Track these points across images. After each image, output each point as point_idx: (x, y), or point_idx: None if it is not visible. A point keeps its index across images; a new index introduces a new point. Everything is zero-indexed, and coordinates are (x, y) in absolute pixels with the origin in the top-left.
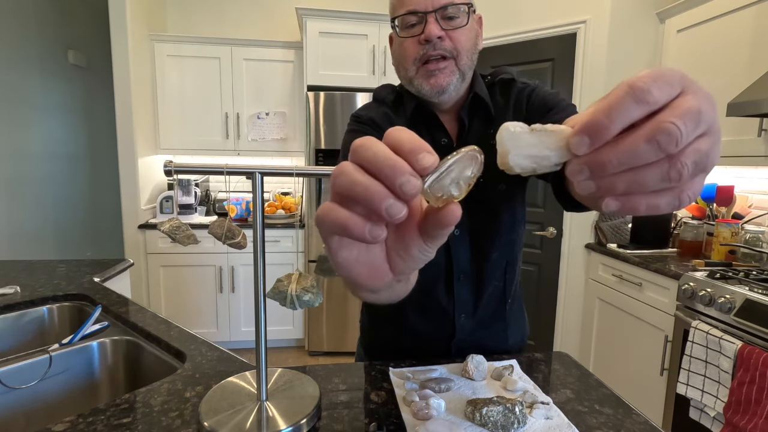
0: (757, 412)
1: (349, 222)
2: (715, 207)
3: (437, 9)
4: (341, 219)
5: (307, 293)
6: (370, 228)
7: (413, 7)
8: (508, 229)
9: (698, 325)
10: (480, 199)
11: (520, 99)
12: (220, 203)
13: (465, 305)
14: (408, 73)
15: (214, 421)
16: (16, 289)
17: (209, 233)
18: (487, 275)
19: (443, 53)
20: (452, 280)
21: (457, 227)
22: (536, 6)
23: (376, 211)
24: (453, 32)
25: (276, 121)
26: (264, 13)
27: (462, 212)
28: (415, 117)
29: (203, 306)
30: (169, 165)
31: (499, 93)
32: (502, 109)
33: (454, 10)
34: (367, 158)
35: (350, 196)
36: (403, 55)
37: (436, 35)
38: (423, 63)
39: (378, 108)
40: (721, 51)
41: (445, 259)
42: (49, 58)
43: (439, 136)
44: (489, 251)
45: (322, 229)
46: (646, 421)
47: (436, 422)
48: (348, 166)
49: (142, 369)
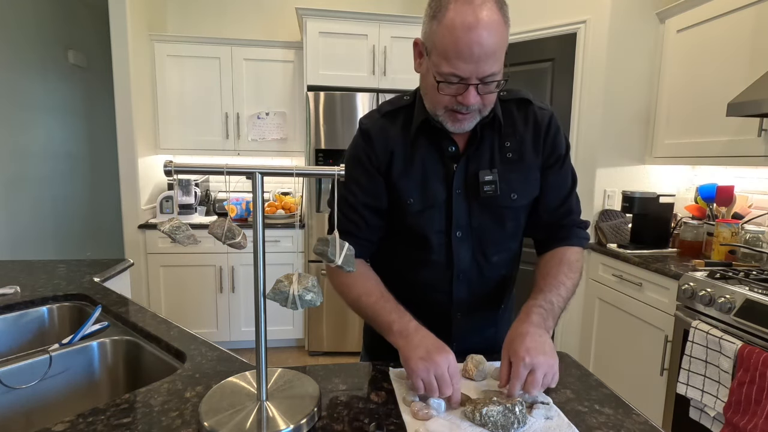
0: (757, 412)
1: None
2: (715, 207)
3: (481, 79)
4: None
5: (309, 293)
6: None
7: (459, 72)
8: (511, 236)
9: (698, 325)
10: (490, 204)
11: (539, 124)
12: (220, 203)
13: (462, 304)
14: (436, 111)
15: (214, 421)
16: (16, 289)
17: (209, 233)
18: (486, 277)
19: (472, 111)
20: (452, 278)
21: (460, 230)
22: (536, 6)
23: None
24: (486, 96)
25: (276, 121)
26: (264, 13)
27: (467, 214)
28: (424, 126)
29: (203, 306)
30: (169, 165)
31: (516, 109)
32: (519, 125)
33: (492, 78)
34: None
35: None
36: (436, 98)
37: (473, 104)
38: (452, 110)
39: (378, 119)
40: (721, 51)
41: (446, 259)
42: (49, 58)
43: (447, 144)
44: (490, 254)
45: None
46: (646, 421)
47: (436, 422)
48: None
49: (142, 369)
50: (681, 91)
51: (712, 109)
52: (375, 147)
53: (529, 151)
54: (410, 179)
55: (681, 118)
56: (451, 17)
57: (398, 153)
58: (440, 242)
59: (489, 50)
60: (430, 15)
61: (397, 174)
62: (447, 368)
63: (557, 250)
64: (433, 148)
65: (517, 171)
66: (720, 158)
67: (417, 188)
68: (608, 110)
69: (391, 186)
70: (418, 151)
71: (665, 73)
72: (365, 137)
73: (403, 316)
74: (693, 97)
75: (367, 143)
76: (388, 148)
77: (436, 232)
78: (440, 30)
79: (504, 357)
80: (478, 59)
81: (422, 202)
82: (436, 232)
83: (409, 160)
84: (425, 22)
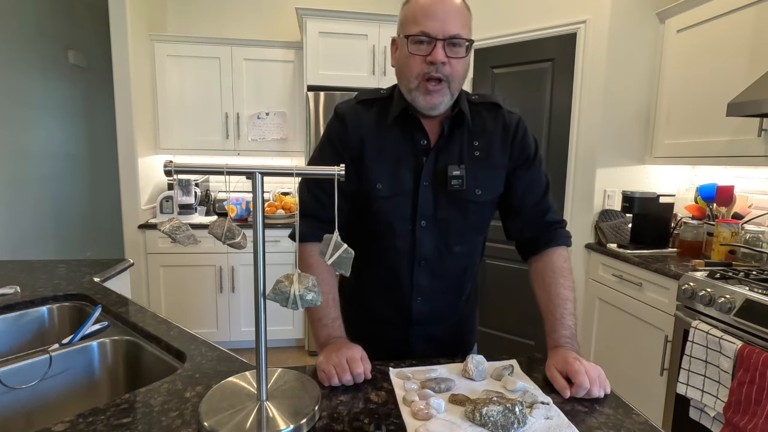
0: (757, 412)
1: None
2: (715, 207)
3: (446, 38)
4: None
5: (310, 293)
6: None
7: (427, 29)
8: (474, 229)
9: (698, 325)
10: (456, 198)
11: (507, 126)
12: (220, 203)
13: (422, 290)
14: (410, 84)
15: (214, 421)
16: (16, 289)
17: (209, 233)
18: (447, 266)
19: (441, 76)
20: (413, 265)
21: (425, 219)
22: (536, 6)
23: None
24: (454, 60)
25: (276, 121)
26: (264, 13)
27: (433, 205)
28: (400, 117)
29: (203, 306)
30: (169, 165)
31: (486, 112)
32: (489, 127)
33: (459, 41)
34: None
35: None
36: (408, 67)
37: (441, 60)
38: (424, 79)
39: (354, 105)
40: (721, 51)
41: (409, 246)
42: (49, 58)
43: (419, 137)
44: (452, 244)
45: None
46: (646, 421)
47: (436, 422)
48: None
49: (142, 369)
50: (681, 91)
51: (712, 109)
52: (348, 130)
53: (496, 151)
54: (381, 165)
55: (681, 118)
56: None
57: (370, 139)
58: (405, 229)
59: (452, 10)
60: (401, 8)
61: (369, 159)
62: (344, 359)
63: (546, 258)
64: (407, 139)
65: (483, 168)
66: (720, 158)
67: (386, 175)
68: (608, 110)
69: (363, 170)
70: (391, 140)
71: (665, 73)
72: (340, 120)
73: (334, 331)
74: (693, 97)
75: (341, 126)
76: (359, 133)
77: (401, 220)
78: (409, 6)
79: (554, 372)
80: (444, 17)
81: (390, 189)
82: (402, 219)
83: (382, 147)
84: (399, 20)
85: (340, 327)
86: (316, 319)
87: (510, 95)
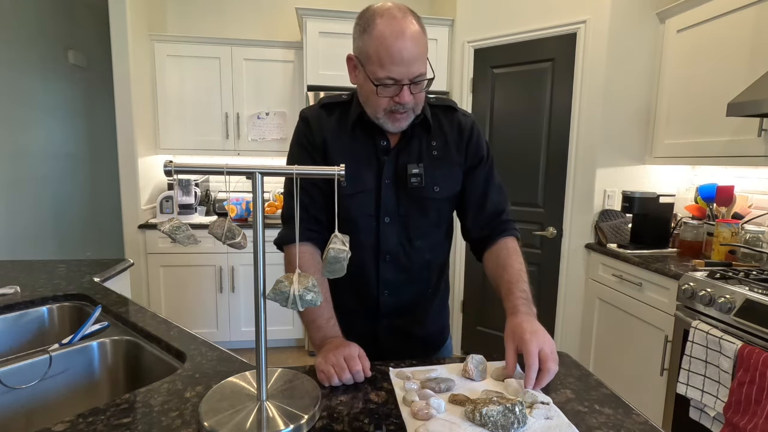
0: (757, 412)
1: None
2: (715, 207)
3: (412, 80)
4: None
5: (310, 293)
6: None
7: (393, 75)
8: (434, 224)
9: (698, 325)
10: (416, 195)
11: (462, 128)
12: (220, 203)
13: (388, 283)
14: (377, 114)
15: (214, 421)
16: (16, 289)
17: (209, 233)
18: (411, 260)
19: (407, 110)
20: (378, 260)
21: (388, 215)
22: (536, 6)
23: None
24: (418, 95)
25: (276, 121)
26: (264, 13)
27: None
28: (359, 121)
29: (203, 306)
30: (169, 165)
31: (442, 114)
32: (445, 128)
33: (422, 80)
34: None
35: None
36: (375, 102)
37: (408, 102)
38: (390, 112)
39: (317, 109)
40: (721, 51)
41: (374, 241)
42: (49, 58)
43: (379, 139)
44: (414, 239)
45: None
46: (646, 421)
47: (436, 422)
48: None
49: (142, 369)
50: (681, 91)
51: (712, 109)
52: (313, 131)
53: (452, 151)
54: (345, 165)
55: (681, 118)
56: (380, 30)
57: (333, 140)
58: (369, 225)
59: (415, 54)
60: (359, 31)
61: (333, 160)
62: (342, 358)
63: (499, 244)
64: (368, 141)
65: (441, 167)
66: (720, 158)
67: (350, 174)
68: (608, 110)
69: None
70: (353, 141)
71: (665, 73)
72: (305, 123)
73: (329, 331)
74: (693, 97)
75: (306, 128)
76: (322, 134)
77: (366, 216)
78: (372, 42)
79: (509, 346)
80: (408, 62)
81: (353, 187)
82: (366, 215)
83: (344, 148)
84: (355, 38)
85: (335, 327)
86: (310, 320)
87: (510, 95)
